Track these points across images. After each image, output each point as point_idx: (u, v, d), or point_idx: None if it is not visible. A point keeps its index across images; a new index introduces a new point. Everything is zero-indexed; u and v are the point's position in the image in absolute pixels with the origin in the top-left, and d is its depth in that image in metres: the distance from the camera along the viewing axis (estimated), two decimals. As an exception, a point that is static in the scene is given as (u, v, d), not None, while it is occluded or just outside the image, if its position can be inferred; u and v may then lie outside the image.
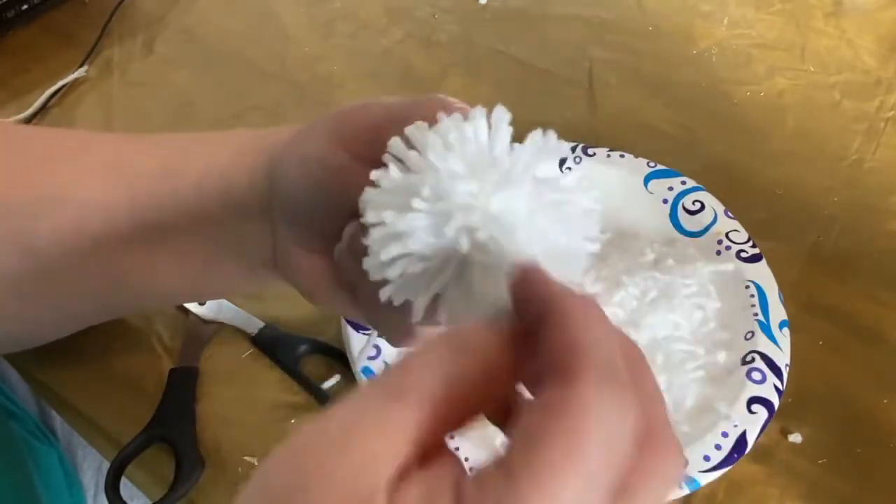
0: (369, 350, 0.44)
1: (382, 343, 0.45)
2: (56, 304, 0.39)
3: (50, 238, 0.36)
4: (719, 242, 0.50)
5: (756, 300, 0.47)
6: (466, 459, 0.40)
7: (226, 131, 0.38)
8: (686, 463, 0.40)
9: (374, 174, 0.24)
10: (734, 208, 0.51)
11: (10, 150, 0.39)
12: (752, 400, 0.42)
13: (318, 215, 0.32)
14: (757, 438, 0.41)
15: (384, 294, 0.24)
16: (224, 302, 0.50)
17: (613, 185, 0.52)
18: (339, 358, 0.47)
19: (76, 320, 0.43)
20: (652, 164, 0.53)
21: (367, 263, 0.24)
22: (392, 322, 0.31)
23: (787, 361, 0.44)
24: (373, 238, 0.24)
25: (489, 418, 0.22)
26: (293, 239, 0.34)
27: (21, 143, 0.39)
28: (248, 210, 0.35)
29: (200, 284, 0.41)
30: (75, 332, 0.44)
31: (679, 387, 0.44)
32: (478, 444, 0.42)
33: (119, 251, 0.36)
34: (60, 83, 0.65)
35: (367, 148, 0.30)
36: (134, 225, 0.36)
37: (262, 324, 0.49)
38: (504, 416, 0.21)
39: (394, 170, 0.24)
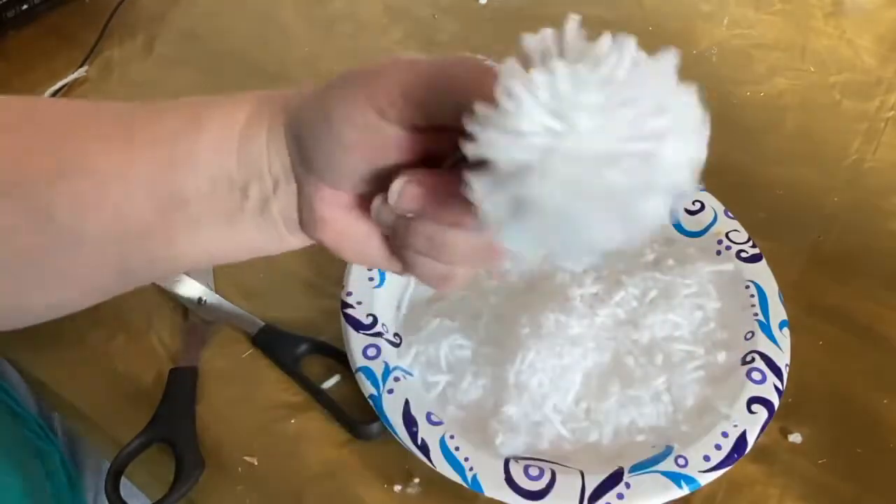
0: (369, 350, 0.44)
1: (383, 343, 0.45)
2: (70, 275, 0.39)
3: (67, 208, 0.36)
4: (719, 242, 0.50)
5: (756, 300, 0.47)
6: (467, 459, 0.41)
7: (237, 93, 0.38)
8: (686, 462, 0.40)
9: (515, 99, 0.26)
10: (734, 208, 0.51)
11: (24, 120, 0.38)
12: (752, 400, 0.42)
13: (344, 173, 0.32)
14: (757, 438, 0.41)
15: (508, 241, 0.27)
16: (224, 302, 0.50)
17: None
18: (339, 358, 0.47)
19: (89, 293, 0.41)
20: (652, 164, 0.53)
21: (488, 208, 0.26)
22: (428, 268, 0.32)
23: (787, 361, 0.44)
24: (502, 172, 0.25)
25: None
26: (319, 197, 0.34)
27: (34, 114, 0.39)
28: (267, 171, 0.35)
29: (221, 249, 0.40)
30: (84, 308, 0.42)
31: (679, 387, 0.44)
32: (478, 446, 0.42)
33: (137, 218, 0.36)
34: (60, 83, 0.65)
35: (396, 107, 0.30)
36: (151, 191, 0.35)
37: (262, 324, 0.49)
38: None
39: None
